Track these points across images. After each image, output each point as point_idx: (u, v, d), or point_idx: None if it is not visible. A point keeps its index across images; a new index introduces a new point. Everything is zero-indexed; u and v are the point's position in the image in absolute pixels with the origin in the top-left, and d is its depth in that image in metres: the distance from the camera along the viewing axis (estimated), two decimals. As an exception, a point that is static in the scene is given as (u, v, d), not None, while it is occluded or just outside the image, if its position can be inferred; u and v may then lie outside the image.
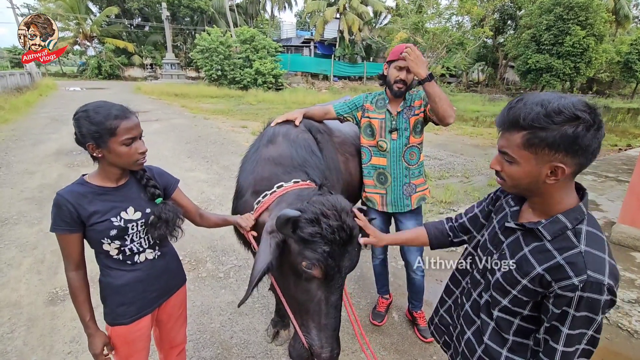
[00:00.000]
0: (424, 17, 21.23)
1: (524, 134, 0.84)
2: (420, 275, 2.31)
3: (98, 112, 1.15)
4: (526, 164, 0.86)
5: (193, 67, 29.64)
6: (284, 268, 1.30)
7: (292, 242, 1.22)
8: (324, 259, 1.17)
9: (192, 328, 2.40)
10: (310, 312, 1.26)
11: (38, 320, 2.46)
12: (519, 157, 0.86)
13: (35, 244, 3.44)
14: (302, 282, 1.24)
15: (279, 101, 16.88)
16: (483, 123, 12.99)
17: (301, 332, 1.29)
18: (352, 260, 1.25)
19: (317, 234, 1.17)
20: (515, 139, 0.86)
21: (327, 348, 1.25)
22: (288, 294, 1.34)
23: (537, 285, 0.88)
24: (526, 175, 0.87)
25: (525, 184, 0.90)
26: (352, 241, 1.23)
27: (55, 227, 1.19)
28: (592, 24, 20.66)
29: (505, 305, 0.96)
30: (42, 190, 4.79)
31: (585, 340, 0.84)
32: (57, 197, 1.18)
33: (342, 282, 1.27)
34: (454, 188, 5.34)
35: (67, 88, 19.87)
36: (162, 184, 1.39)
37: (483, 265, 1.07)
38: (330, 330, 1.25)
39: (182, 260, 3.20)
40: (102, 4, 30.17)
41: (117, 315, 1.32)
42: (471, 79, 35.46)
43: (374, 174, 2.13)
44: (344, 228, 1.19)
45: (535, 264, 0.88)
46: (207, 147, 7.72)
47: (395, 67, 1.94)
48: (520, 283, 0.91)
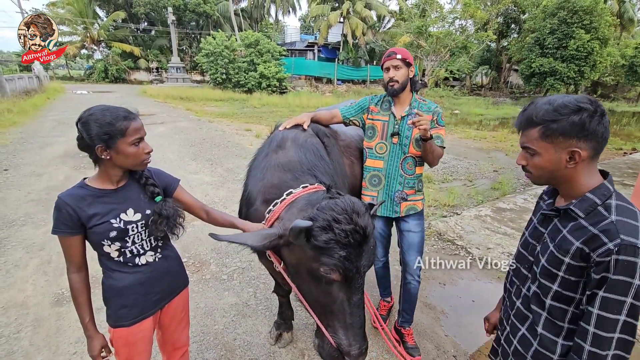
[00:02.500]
0: (428, 21, 21.30)
1: (539, 128, 0.96)
2: (417, 281, 2.20)
3: (106, 115, 1.18)
4: (546, 153, 0.96)
5: (198, 70, 29.95)
6: (302, 273, 1.31)
7: (308, 248, 1.22)
8: (341, 263, 1.18)
9: (195, 330, 2.42)
10: (335, 313, 1.28)
11: (44, 321, 2.49)
12: (539, 148, 0.97)
13: (42, 245, 3.49)
14: (322, 285, 1.26)
15: (283, 104, 16.97)
16: (487, 126, 12.96)
17: (328, 333, 1.30)
18: (369, 258, 1.27)
19: (332, 240, 1.17)
20: (533, 134, 0.98)
21: (356, 345, 1.27)
22: (310, 297, 1.35)
23: (579, 259, 0.93)
24: (549, 163, 0.97)
25: (549, 172, 0.99)
26: (367, 241, 1.23)
27: (57, 230, 1.21)
28: (597, 27, 20.60)
29: (556, 291, 0.99)
30: (49, 192, 4.85)
31: (626, 310, 0.85)
32: (58, 201, 1.20)
33: (363, 281, 1.28)
34: (458, 191, 5.33)
35: (74, 91, 20.12)
36: (161, 183, 1.40)
37: (527, 260, 1.13)
38: (356, 328, 1.27)
39: (186, 262, 3.25)
40: (109, 9, 30.64)
41: (119, 317, 1.33)
42: (475, 83, 35.39)
43: (367, 176, 2.13)
44: (357, 230, 1.19)
45: (573, 240, 0.94)
46: (211, 149, 7.77)
47: (384, 69, 1.98)
48: (563, 262, 0.96)
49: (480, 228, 4.12)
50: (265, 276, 3.06)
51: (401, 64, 1.92)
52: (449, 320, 2.64)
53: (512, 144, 9.38)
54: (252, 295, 2.84)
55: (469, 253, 3.57)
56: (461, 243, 3.77)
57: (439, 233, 4.00)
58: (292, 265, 1.38)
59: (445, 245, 3.75)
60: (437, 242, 3.82)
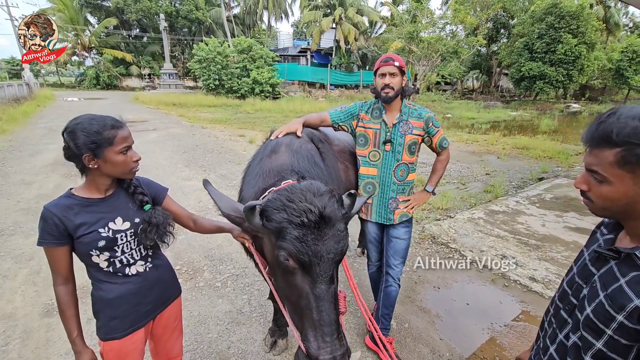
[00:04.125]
0: (419, 27, 21.61)
1: (618, 150, 0.74)
2: (397, 284, 2.20)
3: (93, 124, 1.17)
4: (620, 184, 0.76)
5: (191, 76, 29.89)
6: (274, 268, 1.27)
7: (270, 235, 1.19)
8: (295, 246, 1.10)
9: (189, 339, 2.38)
10: (303, 310, 1.17)
11: (33, 333, 2.44)
12: (611, 176, 0.76)
13: (31, 255, 3.42)
14: (287, 277, 1.18)
15: (276, 110, 16.99)
16: (478, 130, 13.11)
17: (300, 340, 1.19)
18: (331, 244, 1.15)
19: (284, 219, 1.12)
20: (607, 157, 0.76)
21: (326, 349, 1.11)
22: (283, 297, 1.31)
23: (636, 322, 0.73)
24: (621, 196, 0.77)
25: (619, 206, 0.80)
26: (326, 222, 1.14)
27: (42, 241, 1.19)
28: (584, 32, 21.12)
29: (599, 350, 0.80)
30: (39, 200, 4.77)
31: None
32: (44, 211, 1.18)
33: (330, 271, 1.17)
34: (451, 195, 5.37)
35: (65, 98, 19.92)
36: (149, 192, 1.38)
37: (570, 301, 0.93)
38: (325, 326, 1.13)
39: (179, 270, 3.22)
40: (100, 16, 30.51)
41: (109, 330, 1.30)
42: (466, 87, 35.86)
43: (361, 183, 2.14)
44: (312, 209, 1.12)
45: (632, 295, 0.74)
46: (204, 156, 7.73)
47: (378, 75, 1.98)
48: (615, 320, 0.76)
49: (473, 231, 4.15)
50: (259, 283, 3.04)
51: (397, 71, 1.93)
52: (444, 324, 2.64)
53: (504, 147, 9.49)
54: (247, 303, 2.82)
55: (463, 256, 3.59)
56: (455, 246, 3.79)
57: (432, 236, 4.01)
58: (269, 263, 1.36)
59: (439, 249, 3.77)
60: (432, 246, 3.84)
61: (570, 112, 22.04)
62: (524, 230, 4.20)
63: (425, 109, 2.05)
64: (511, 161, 8.09)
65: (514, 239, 3.98)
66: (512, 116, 18.56)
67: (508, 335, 2.52)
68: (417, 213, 4.51)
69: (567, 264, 3.39)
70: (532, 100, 26.04)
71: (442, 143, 2.09)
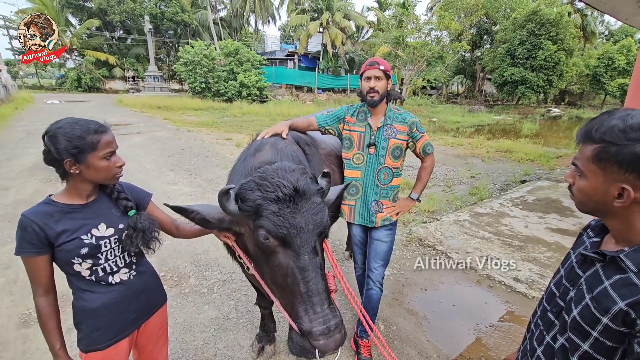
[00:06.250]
0: (405, 32, 21.97)
1: (595, 147, 0.78)
2: (379, 288, 2.19)
3: (75, 128, 1.13)
4: (593, 179, 0.80)
5: (176, 79, 29.48)
6: (257, 256, 1.28)
7: (249, 220, 1.20)
8: (273, 220, 1.11)
9: (174, 347, 2.33)
10: (291, 288, 1.16)
11: (9, 344, 2.34)
12: (587, 171, 0.81)
13: (8, 264, 3.29)
14: (271, 260, 1.19)
15: (263, 113, 16.92)
16: (463, 134, 13.35)
17: (292, 320, 1.17)
18: (309, 216, 1.16)
19: (259, 197, 1.14)
20: (586, 151, 0.80)
21: (318, 320, 1.10)
22: (270, 283, 1.29)
23: (621, 324, 0.74)
24: (593, 192, 0.81)
25: (593, 202, 0.82)
26: (300, 195, 1.16)
27: (21, 250, 1.14)
28: (563, 39, 21.89)
29: (586, 351, 0.81)
30: (17, 206, 4.60)
31: None
32: (22, 219, 1.13)
33: (312, 243, 1.17)
34: (437, 197, 5.45)
35: (45, 101, 19.34)
36: (133, 198, 1.35)
37: (557, 303, 0.94)
38: (314, 296, 1.12)
39: (164, 276, 3.15)
40: (82, 17, 29.79)
41: (92, 341, 1.26)
42: (451, 91, 36.55)
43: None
44: (285, 184, 1.15)
45: (616, 298, 0.75)
46: (190, 159, 7.62)
47: (364, 78, 1.99)
48: (600, 322, 0.78)
49: (459, 233, 4.21)
50: (246, 288, 3.01)
51: (382, 75, 1.95)
52: (431, 326, 2.67)
53: (488, 151, 9.70)
54: (233, 309, 2.78)
55: (449, 258, 3.63)
56: (441, 248, 3.84)
57: (419, 239, 4.05)
58: (252, 255, 1.35)
59: (426, 251, 3.81)
60: (418, 248, 3.87)
61: (551, 116, 22.72)
62: (507, 232, 4.29)
63: (410, 114, 2.08)
64: (495, 164, 8.27)
65: (498, 240, 4.06)
66: (495, 120, 19.00)
67: (493, 336, 2.56)
68: (404, 216, 4.55)
69: (550, 264, 3.48)
70: (515, 105, 26.72)
71: (426, 149, 2.08)
